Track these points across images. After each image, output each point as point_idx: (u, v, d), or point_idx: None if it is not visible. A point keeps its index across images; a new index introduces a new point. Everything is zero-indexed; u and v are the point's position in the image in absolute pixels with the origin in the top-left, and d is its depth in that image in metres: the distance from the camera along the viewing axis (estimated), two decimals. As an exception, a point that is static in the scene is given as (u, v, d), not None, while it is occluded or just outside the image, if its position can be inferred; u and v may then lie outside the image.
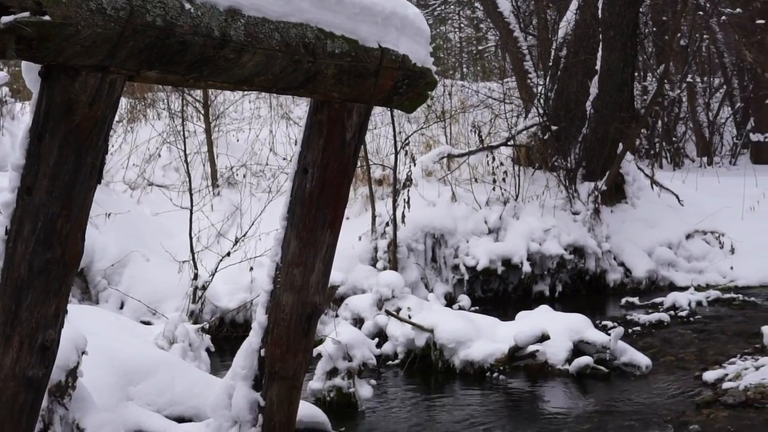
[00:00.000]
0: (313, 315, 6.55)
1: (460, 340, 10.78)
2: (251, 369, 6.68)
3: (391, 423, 9.04)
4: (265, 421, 6.66)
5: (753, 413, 8.54)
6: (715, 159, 25.81)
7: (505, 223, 15.15)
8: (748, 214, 17.53)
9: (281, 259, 6.49)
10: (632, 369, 10.59)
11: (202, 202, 14.74)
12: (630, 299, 14.41)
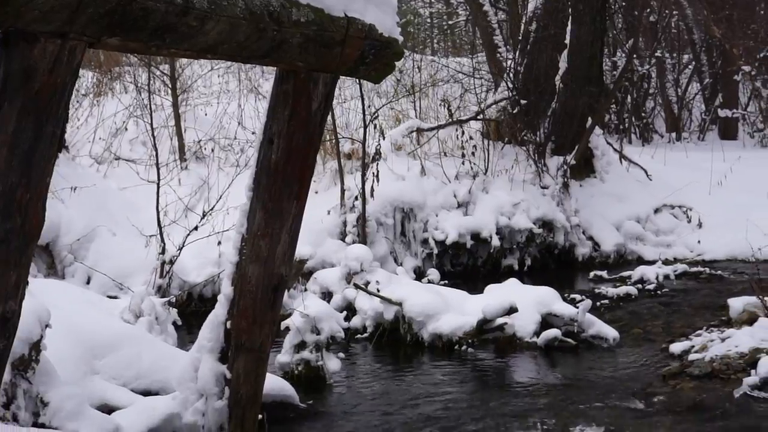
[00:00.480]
0: (279, 286, 6.52)
1: (429, 313, 10.77)
2: (217, 341, 6.65)
3: (359, 396, 9.02)
4: (232, 394, 6.64)
5: (718, 384, 8.58)
6: (684, 134, 25.84)
7: (475, 197, 15.13)
8: (716, 188, 17.58)
9: (247, 231, 6.46)
10: (600, 341, 10.62)
11: (169, 176, 14.66)
12: (598, 273, 14.44)
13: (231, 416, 6.68)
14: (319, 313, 9.38)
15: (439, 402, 8.66)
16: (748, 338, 9.59)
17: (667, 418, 7.86)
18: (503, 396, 8.81)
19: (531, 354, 10.38)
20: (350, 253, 11.97)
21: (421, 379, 9.61)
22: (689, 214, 16.70)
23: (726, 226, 15.85)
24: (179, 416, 6.82)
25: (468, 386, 9.30)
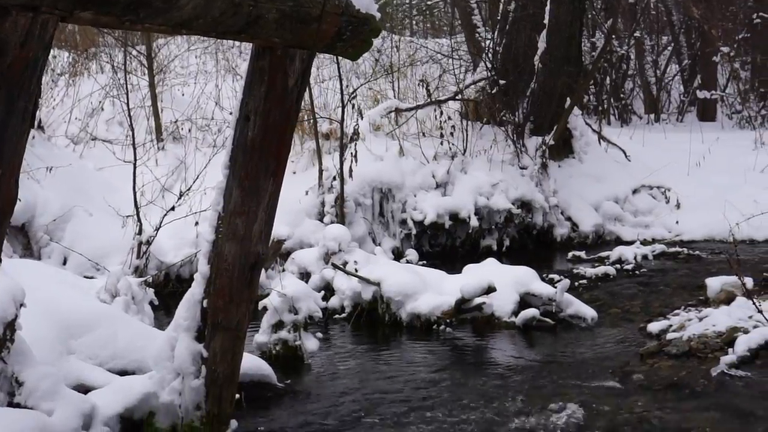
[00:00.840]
0: (256, 265, 6.48)
1: (407, 293, 10.75)
2: (194, 320, 6.60)
3: (337, 376, 8.99)
4: (209, 373, 6.60)
5: (696, 363, 8.58)
6: (663, 116, 25.87)
7: (453, 177, 15.11)
8: (694, 169, 17.63)
9: (223, 209, 6.41)
10: (578, 321, 10.63)
11: (146, 156, 14.57)
12: (577, 253, 14.46)
13: (208, 395, 6.64)
14: (296, 292, 9.34)
15: (418, 381, 8.64)
16: (726, 317, 9.60)
17: (645, 397, 7.85)
18: (481, 375, 8.80)
19: (509, 334, 10.38)
20: (328, 233, 11.92)
21: (400, 359, 9.59)
22: (667, 195, 16.75)
23: (704, 206, 15.91)
24: (156, 395, 6.76)
25: (446, 366, 9.27)
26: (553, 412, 7.49)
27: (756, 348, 8.59)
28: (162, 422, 6.79)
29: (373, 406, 7.88)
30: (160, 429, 6.79)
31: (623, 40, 25.41)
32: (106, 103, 16.91)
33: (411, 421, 7.46)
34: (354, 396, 8.25)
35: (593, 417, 7.36)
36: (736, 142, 19.38)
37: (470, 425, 7.32)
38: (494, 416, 7.51)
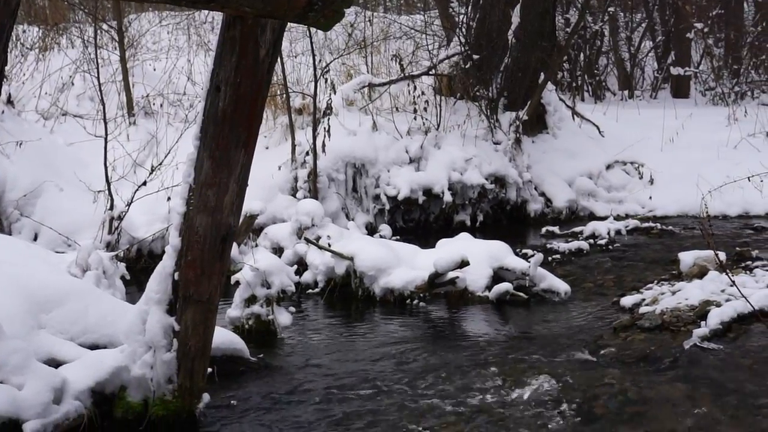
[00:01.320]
0: (227, 237, 6.44)
1: (380, 267, 10.72)
2: (165, 293, 6.56)
3: (310, 350, 8.96)
4: (180, 346, 6.57)
5: (668, 336, 8.59)
6: (636, 92, 25.92)
7: (426, 152, 15.07)
8: (668, 145, 17.67)
9: (194, 180, 6.36)
10: (551, 295, 10.64)
11: (117, 130, 14.44)
12: (550, 228, 14.45)
13: (180, 369, 6.61)
14: (269, 266, 9.30)
15: (391, 356, 8.61)
16: (699, 291, 9.62)
17: (618, 370, 7.86)
18: (455, 349, 8.78)
19: (483, 308, 10.37)
20: (301, 208, 11.86)
21: (373, 333, 9.56)
22: (641, 171, 16.77)
23: (677, 182, 15.95)
24: (127, 369, 6.72)
25: (420, 340, 9.25)
26: (527, 384, 7.49)
27: (728, 321, 8.60)
28: (133, 396, 6.75)
29: (346, 380, 7.85)
30: (131, 403, 6.75)
31: (597, 16, 25.40)
32: (77, 77, 16.73)
33: (384, 395, 7.44)
34: (327, 370, 8.22)
35: (566, 390, 7.36)
36: (709, 119, 19.42)
37: (444, 398, 7.30)
38: (468, 389, 7.49)
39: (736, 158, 16.55)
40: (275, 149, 14.88)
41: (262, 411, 7.22)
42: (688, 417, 6.72)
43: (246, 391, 7.63)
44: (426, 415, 6.97)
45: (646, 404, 7.02)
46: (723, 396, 7.11)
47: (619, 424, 6.72)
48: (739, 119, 18.94)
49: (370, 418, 6.95)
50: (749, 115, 19.10)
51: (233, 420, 7.04)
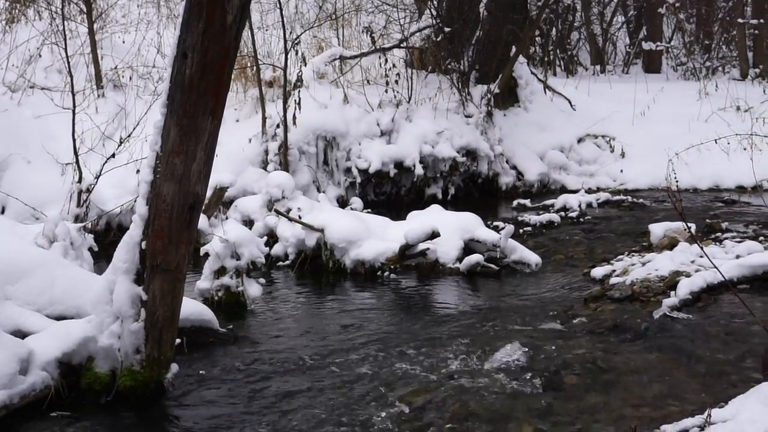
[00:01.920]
0: (195, 205, 6.38)
1: (351, 239, 10.68)
2: (132, 263, 6.50)
3: (280, 321, 8.91)
4: (148, 316, 6.52)
5: (638, 306, 8.60)
6: (608, 67, 25.94)
7: (398, 125, 15.01)
8: (639, 119, 17.69)
9: (161, 148, 6.29)
10: (522, 267, 10.63)
11: (85, 102, 14.30)
12: (522, 201, 14.44)
13: (147, 338, 6.56)
14: (239, 238, 9.23)
15: (362, 326, 8.58)
16: (669, 262, 9.65)
17: (588, 339, 7.86)
18: (426, 320, 8.76)
19: (453, 279, 10.36)
20: (272, 180, 11.80)
21: (344, 305, 9.52)
22: (612, 144, 16.79)
23: (648, 155, 15.98)
24: (94, 339, 6.66)
25: (391, 311, 9.22)
26: (497, 354, 7.46)
27: (698, 291, 8.63)
28: (101, 366, 6.70)
29: (316, 351, 7.82)
30: (99, 373, 6.69)
31: (570, -10, 25.39)
32: (45, 50, 16.54)
33: (354, 365, 7.41)
34: (297, 341, 8.18)
35: (537, 359, 7.35)
36: (680, 93, 19.47)
37: (414, 367, 7.27)
38: (438, 358, 7.47)
39: (707, 132, 16.55)
40: (246, 122, 14.78)
41: (232, 381, 7.17)
42: (657, 384, 6.72)
43: (215, 362, 7.58)
44: (397, 383, 6.94)
45: (616, 372, 7.01)
46: (692, 364, 7.12)
47: (589, 392, 6.71)
48: (710, 94, 19.00)
49: (341, 388, 6.91)
50: (720, 90, 19.15)
51: (202, 390, 6.99)
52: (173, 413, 6.62)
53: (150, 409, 6.59)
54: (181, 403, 6.75)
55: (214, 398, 6.85)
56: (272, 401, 6.74)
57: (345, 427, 6.21)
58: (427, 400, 6.59)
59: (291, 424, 6.29)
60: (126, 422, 6.40)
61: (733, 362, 7.09)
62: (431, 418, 6.31)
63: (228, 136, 14.24)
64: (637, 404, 6.39)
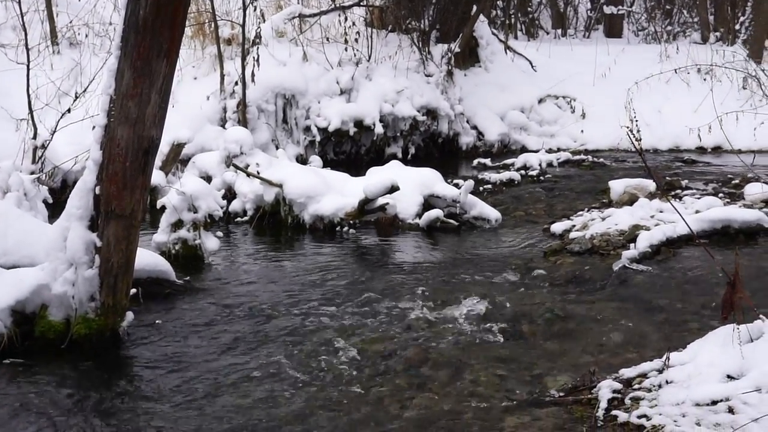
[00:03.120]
0: (150, 149, 6.28)
1: (310, 194, 10.60)
2: (86, 209, 6.40)
3: (238, 274, 8.82)
4: (102, 262, 6.42)
5: (598, 259, 8.60)
6: (570, 32, 25.90)
7: (358, 84, 14.89)
8: (600, 80, 17.65)
9: (115, 91, 6.19)
10: (482, 222, 10.60)
11: (40, 57, 14.08)
12: (482, 161, 14.37)
13: (102, 285, 6.47)
14: (196, 190, 9.12)
15: (320, 279, 8.52)
16: (628, 216, 9.65)
17: (548, 290, 7.86)
18: (384, 273, 8.71)
19: (413, 235, 10.31)
20: (230, 135, 11.65)
21: (302, 260, 9.44)
22: (573, 105, 16.75)
23: (609, 117, 15.92)
24: (48, 287, 6.56)
25: (349, 265, 9.16)
26: (455, 304, 7.45)
27: (657, 244, 8.63)
28: (55, 315, 6.59)
29: (274, 303, 7.75)
30: (53, 321, 6.59)
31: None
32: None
33: (312, 316, 7.34)
34: (255, 293, 8.10)
35: (496, 309, 7.33)
36: (641, 56, 19.42)
37: (372, 317, 7.24)
38: (396, 309, 7.43)
39: (668, 93, 16.62)
40: (204, 80, 14.62)
41: (188, 331, 7.10)
42: (616, 333, 6.72)
43: (171, 312, 7.50)
44: (354, 332, 6.90)
45: (575, 321, 7.01)
46: (651, 313, 7.13)
47: (548, 340, 6.71)
48: (670, 56, 18.98)
49: (298, 337, 6.86)
50: (681, 53, 19.15)
51: (157, 339, 6.91)
52: (128, 361, 6.55)
53: (105, 357, 6.51)
54: (136, 352, 6.67)
55: (170, 347, 6.77)
56: (228, 350, 6.67)
57: (301, 373, 6.16)
58: (385, 348, 6.55)
59: (247, 372, 6.22)
60: (80, 370, 6.31)
61: (693, 311, 7.11)
62: (389, 364, 6.28)
63: (185, 94, 14.14)
64: (596, 351, 6.39)
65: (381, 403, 5.69)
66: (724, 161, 14.35)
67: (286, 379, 6.07)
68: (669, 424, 5.00)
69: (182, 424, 5.42)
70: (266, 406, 5.66)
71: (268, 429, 5.34)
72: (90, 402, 5.75)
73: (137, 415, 5.54)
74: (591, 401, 5.43)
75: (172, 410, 5.61)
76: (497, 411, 5.47)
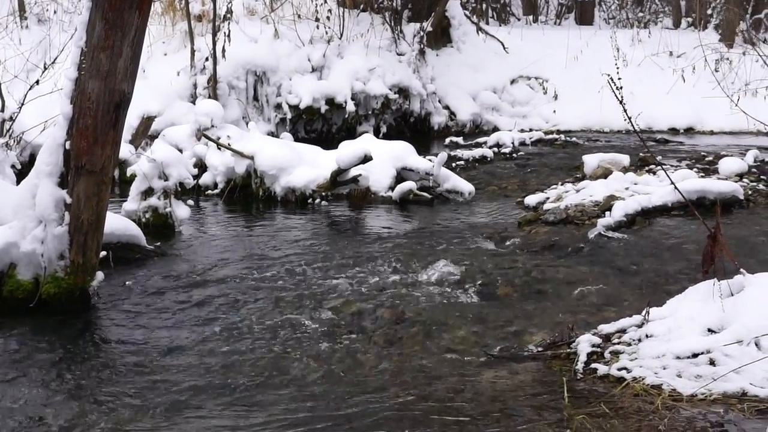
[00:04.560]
0: (121, 104, 6.17)
1: (282, 166, 10.48)
2: (56, 165, 6.28)
3: (208, 242, 8.72)
4: (72, 220, 6.30)
5: (573, 228, 8.54)
6: (541, 18, 25.85)
7: (329, 61, 14.76)
8: (572, 63, 17.57)
9: (86, 44, 6.06)
10: (455, 196, 10.53)
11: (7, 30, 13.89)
12: (454, 139, 14.23)
13: (72, 243, 6.35)
14: (167, 158, 8.99)
15: (291, 248, 8.40)
16: (603, 188, 9.62)
17: (522, 256, 7.77)
18: (358, 241, 8.62)
19: (386, 207, 10.23)
20: (200, 108, 11.48)
21: (273, 229, 9.34)
22: (545, 86, 16.69)
23: (581, 98, 15.93)
24: (16, 245, 6.43)
25: (322, 234, 9.08)
26: (429, 269, 7.37)
27: (632, 213, 8.61)
28: (23, 273, 6.48)
29: (244, 268, 7.65)
30: (21, 281, 6.48)
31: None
32: (-35, -20, 16.07)
33: (284, 280, 7.28)
34: (225, 259, 8.01)
35: (471, 272, 7.25)
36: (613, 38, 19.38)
37: (345, 282, 7.14)
38: (370, 273, 7.35)
39: (640, 75, 16.59)
40: (174, 56, 14.45)
41: (158, 293, 7.00)
42: (593, 294, 6.67)
43: (141, 275, 7.40)
44: (327, 295, 6.81)
45: (552, 284, 6.96)
46: (628, 276, 7.12)
47: (524, 300, 6.66)
48: (642, 40, 18.97)
49: (269, 300, 6.76)
50: (653, 37, 19.15)
51: (127, 300, 6.82)
52: (97, 321, 6.46)
53: (74, 316, 6.40)
54: (105, 312, 6.57)
55: (139, 308, 6.67)
56: (197, 312, 6.58)
57: (271, 332, 6.09)
58: (359, 309, 6.49)
59: (218, 331, 6.14)
60: (49, 329, 6.20)
61: (670, 274, 7.08)
62: (363, 324, 6.23)
63: (155, 70, 13.99)
64: (574, 311, 6.34)
65: (355, 357, 5.63)
66: (697, 141, 14.34)
67: (257, 338, 6.00)
68: (650, 375, 4.95)
69: (149, 381, 5.32)
70: (236, 362, 5.59)
71: (239, 384, 5.25)
72: (58, 362, 5.64)
73: (105, 374, 5.44)
74: (569, 356, 5.37)
75: (139, 368, 5.52)
76: (474, 365, 5.41)
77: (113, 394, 5.13)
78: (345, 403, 4.91)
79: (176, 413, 4.90)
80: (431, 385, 5.12)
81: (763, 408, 4.58)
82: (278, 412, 4.83)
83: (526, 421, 4.57)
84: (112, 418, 4.81)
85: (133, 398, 5.09)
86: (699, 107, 15.61)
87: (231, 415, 4.85)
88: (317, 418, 4.71)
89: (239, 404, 5.01)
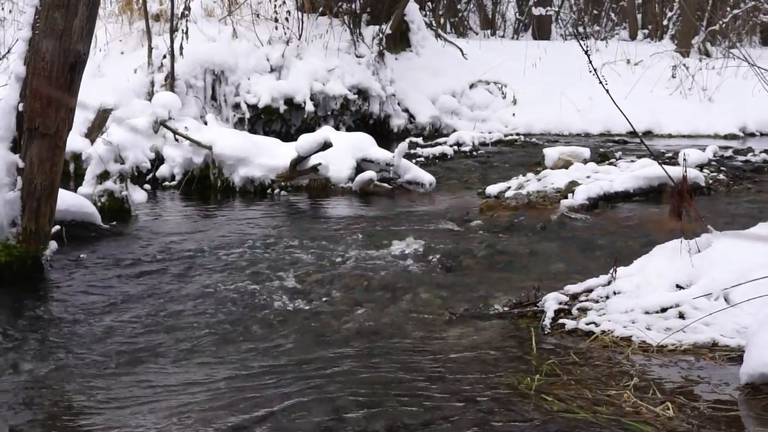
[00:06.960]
0: (76, 65, 6.02)
1: (240, 156, 10.32)
2: (8, 129, 6.13)
3: (165, 227, 8.51)
4: (25, 184, 6.14)
5: (535, 212, 8.46)
6: (499, 32, 25.94)
7: (288, 62, 14.61)
8: (530, 70, 17.59)
9: (40, 2, 5.89)
10: (416, 186, 10.45)
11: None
12: (414, 139, 14.07)
13: (24, 209, 6.17)
14: (123, 141, 8.83)
15: (249, 232, 8.24)
16: (564, 177, 9.57)
17: (485, 236, 7.65)
18: (320, 225, 8.50)
19: (346, 197, 10.12)
20: (158, 100, 11.27)
21: (231, 216, 9.18)
22: (504, 91, 16.64)
23: (540, 103, 15.94)
24: (-33, 212, 6.23)
25: (280, 223, 8.87)
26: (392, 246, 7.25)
27: (595, 197, 8.61)
28: (-27, 242, 6.27)
29: (201, 247, 7.48)
30: (-29, 250, 6.27)
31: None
32: None
33: (242, 258, 7.09)
34: (184, 240, 7.84)
35: (434, 247, 7.14)
36: (571, 49, 19.37)
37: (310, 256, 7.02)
38: (332, 250, 7.22)
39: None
40: (131, 55, 14.24)
41: (112, 266, 6.83)
42: (558, 265, 6.60)
43: (96, 250, 7.25)
44: (290, 268, 6.66)
45: (517, 256, 6.89)
46: (592, 250, 7.05)
47: (489, 270, 6.57)
48: (600, 50, 19.08)
49: (230, 273, 6.61)
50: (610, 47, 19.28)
51: (80, 272, 6.65)
52: (50, 292, 6.26)
53: (26, 286, 6.21)
54: (58, 282, 6.39)
55: (93, 280, 6.50)
56: (153, 285, 6.41)
57: (233, 299, 5.92)
58: (323, 278, 6.38)
59: (175, 299, 5.99)
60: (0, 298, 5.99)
61: (634, 249, 6.95)
62: (327, 290, 6.09)
63: (112, 68, 13.79)
64: (539, 279, 6.20)
65: (319, 318, 5.50)
66: (655, 143, 14.34)
67: (219, 302, 5.86)
68: (618, 329, 4.87)
69: (106, 344, 5.16)
70: (196, 323, 5.44)
71: (199, 343, 5.10)
72: (8, 331, 5.42)
73: (55, 344, 5.23)
74: (536, 314, 5.29)
75: (91, 338, 5.32)
76: (439, 324, 5.32)
77: (69, 358, 4.95)
78: (309, 359, 4.76)
79: (133, 368, 4.74)
80: (397, 342, 5.00)
81: (734, 356, 4.52)
82: (241, 367, 4.68)
83: (494, 370, 4.47)
84: (68, 380, 4.64)
85: (88, 360, 4.92)
86: (657, 112, 15.69)
87: (192, 370, 4.70)
88: (280, 372, 4.56)
89: (198, 359, 4.86)
